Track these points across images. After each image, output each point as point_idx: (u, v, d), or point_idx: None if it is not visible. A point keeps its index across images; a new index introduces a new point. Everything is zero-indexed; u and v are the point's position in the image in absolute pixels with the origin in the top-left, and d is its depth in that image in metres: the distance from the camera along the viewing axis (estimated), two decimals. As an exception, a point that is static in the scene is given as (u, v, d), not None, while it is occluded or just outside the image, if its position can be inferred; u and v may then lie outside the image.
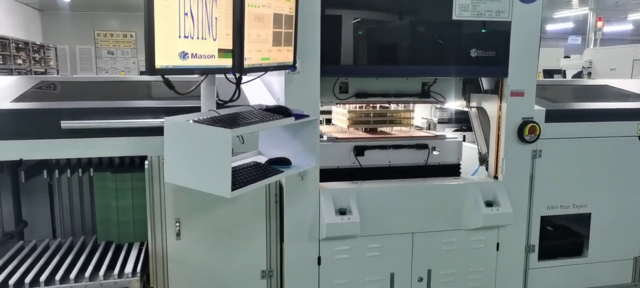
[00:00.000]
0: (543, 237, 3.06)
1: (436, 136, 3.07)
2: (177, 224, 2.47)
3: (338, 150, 2.85)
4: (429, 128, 3.47)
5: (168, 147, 1.94)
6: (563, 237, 3.24)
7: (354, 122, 3.11)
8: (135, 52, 16.78)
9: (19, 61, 12.08)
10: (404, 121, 3.22)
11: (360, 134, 3.12)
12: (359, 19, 2.58)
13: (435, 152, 2.99)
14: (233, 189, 1.86)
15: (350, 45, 2.57)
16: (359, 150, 2.87)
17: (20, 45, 12.38)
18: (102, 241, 2.68)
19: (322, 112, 3.27)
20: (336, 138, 2.91)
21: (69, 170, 2.64)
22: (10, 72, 11.25)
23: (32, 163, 2.60)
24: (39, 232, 2.88)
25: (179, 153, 1.92)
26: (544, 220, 3.06)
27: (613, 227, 3.18)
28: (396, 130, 3.22)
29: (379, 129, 3.21)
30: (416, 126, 3.45)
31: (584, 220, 3.14)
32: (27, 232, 2.88)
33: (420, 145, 2.97)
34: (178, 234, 2.48)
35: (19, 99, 2.52)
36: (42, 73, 13.45)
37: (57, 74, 14.75)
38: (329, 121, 3.44)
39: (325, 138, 2.89)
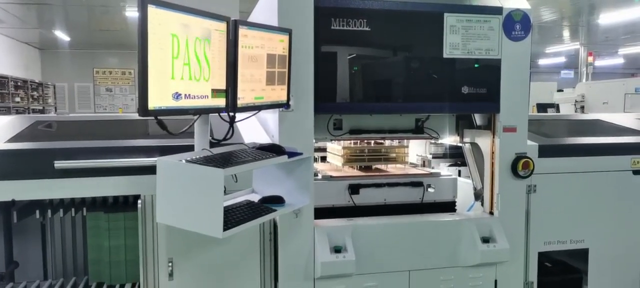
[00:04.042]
0: (541, 273, 3.03)
1: (431, 174, 3.08)
2: (170, 264, 2.43)
3: (333, 189, 2.85)
4: (423, 165, 3.48)
5: (160, 187, 1.93)
6: (562, 273, 3.20)
7: (349, 160, 3.12)
8: (133, 88, 16.95)
9: (17, 99, 12.16)
10: (399, 157, 3.22)
11: (355, 171, 3.12)
12: (353, 56, 2.62)
13: (430, 190, 2.98)
14: (225, 229, 1.84)
15: (344, 83, 2.61)
16: (354, 189, 2.86)
17: (19, 83, 12.49)
18: (94, 282, 2.64)
19: (317, 150, 3.28)
20: (331, 176, 2.91)
21: (61, 210, 2.63)
22: (7, 110, 11.31)
23: (25, 203, 2.58)
24: (30, 273, 2.84)
25: (171, 194, 1.92)
26: (542, 255, 3.03)
27: (612, 262, 3.15)
28: (391, 168, 3.23)
29: (373, 166, 3.21)
30: (411, 163, 3.45)
31: (582, 255, 3.11)
32: (18, 273, 2.84)
33: (416, 183, 2.97)
34: (171, 274, 2.44)
35: (13, 139, 2.53)
36: (40, 110, 13.54)
37: (55, 111, 14.84)
38: (324, 159, 3.44)
39: (319, 176, 2.89)
